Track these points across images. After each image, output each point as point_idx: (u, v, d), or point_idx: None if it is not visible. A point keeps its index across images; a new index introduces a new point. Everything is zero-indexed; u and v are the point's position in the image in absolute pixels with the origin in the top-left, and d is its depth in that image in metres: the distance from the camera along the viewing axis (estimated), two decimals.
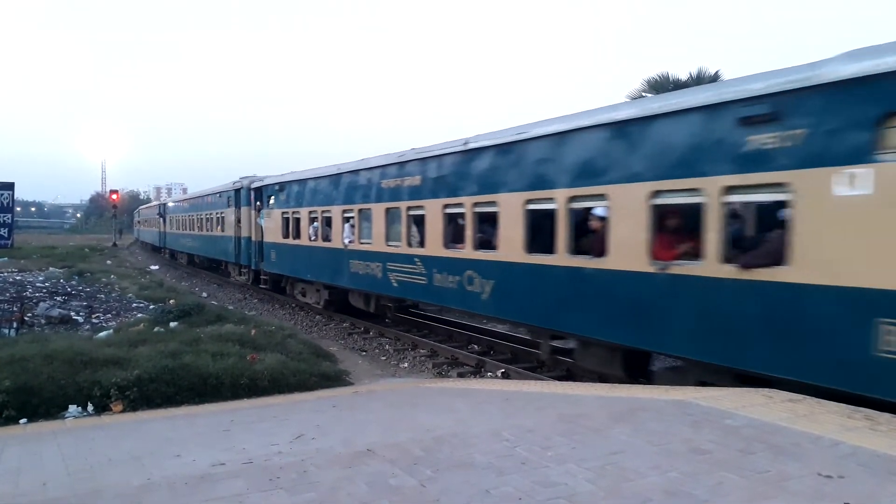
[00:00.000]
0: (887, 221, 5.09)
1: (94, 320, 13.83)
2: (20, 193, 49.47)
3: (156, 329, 11.38)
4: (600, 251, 7.73)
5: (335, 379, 9.39)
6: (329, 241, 15.48)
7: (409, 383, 9.60)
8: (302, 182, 17.22)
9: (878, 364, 5.12)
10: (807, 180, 5.59)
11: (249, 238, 21.55)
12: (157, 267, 34.22)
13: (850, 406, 4.93)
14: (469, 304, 10.29)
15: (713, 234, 6.39)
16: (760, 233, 6.98)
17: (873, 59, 5.21)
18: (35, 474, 4.41)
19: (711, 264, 6.43)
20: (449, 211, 10.65)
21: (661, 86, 22.37)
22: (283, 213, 18.35)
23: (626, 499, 3.27)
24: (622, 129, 7.51)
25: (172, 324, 12.13)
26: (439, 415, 5.68)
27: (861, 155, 5.24)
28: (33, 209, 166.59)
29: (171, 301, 16.27)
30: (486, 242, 9.84)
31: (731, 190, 6.28)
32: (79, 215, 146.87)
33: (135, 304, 16.63)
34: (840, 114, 5.39)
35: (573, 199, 8.12)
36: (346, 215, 14.49)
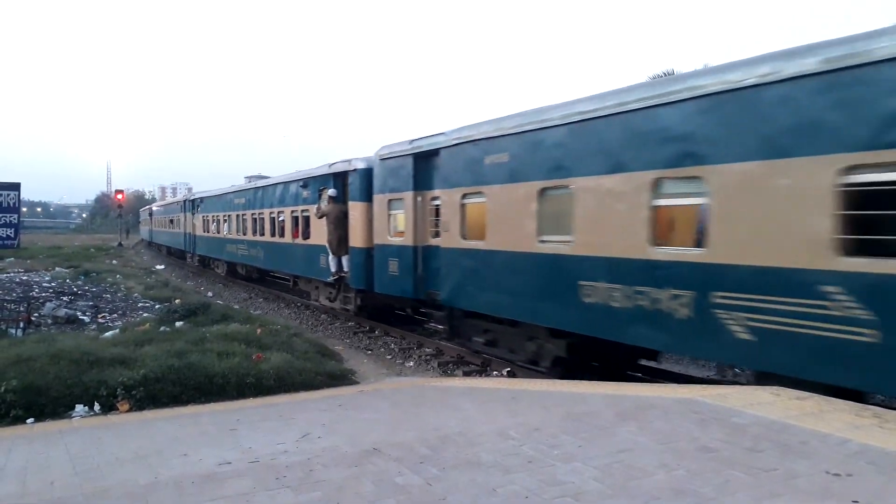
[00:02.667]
0: None
1: (100, 320, 13.89)
2: (26, 194, 49.83)
3: (161, 328, 11.41)
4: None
5: (341, 378, 9.40)
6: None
7: (414, 382, 9.60)
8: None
9: None
10: None
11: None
12: (162, 266, 34.31)
13: (858, 404, 4.90)
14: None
15: None
16: None
17: None
18: (42, 473, 4.43)
19: None
20: None
21: None
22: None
23: (633, 497, 3.26)
24: None
25: (178, 323, 12.16)
26: (445, 413, 5.68)
27: None
28: (39, 209, 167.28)
29: (177, 300, 16.32)
30: None
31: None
32: (84, 215, 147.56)
33: (140, 304, 16.69)
34: None
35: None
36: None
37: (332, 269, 15.26)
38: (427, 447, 4.29)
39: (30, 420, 6.93)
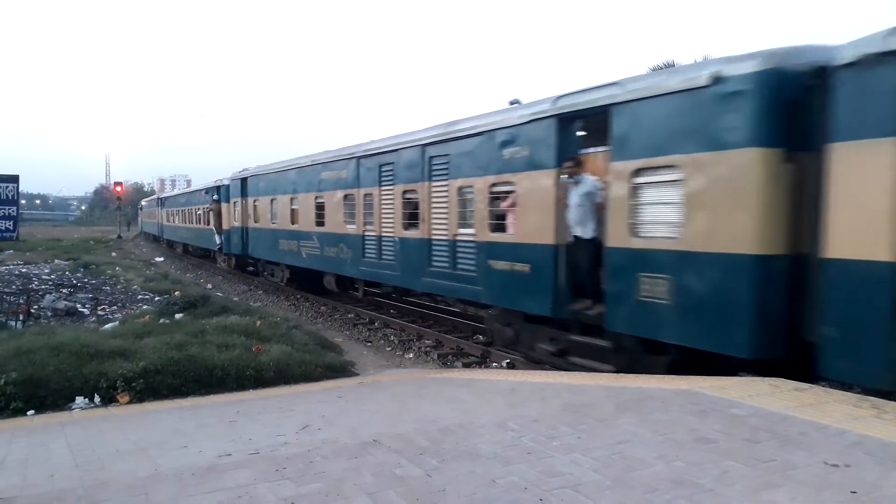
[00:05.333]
0: None
1: (99, 312, 13.89)
2: (25, 186, 49.80)
3: (161, 321, 11.42)
4: None
5: (341, 370, 9.41)
6: None
7: (414, 374, 9.61)
8: None
9: None
10: None
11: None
12: (161, 258, 34.30)
13: (857, 395, 4.92)
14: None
15: None
16: None
17: None
18: (43, 465, 4.44)
19: None
20: None
21: None
22: None
23: (632, 488, 3.27)
24: None
25: (178, 315, 12.17)
26: (445, 405, 5.70)
27: None
28: (38, 202, 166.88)
29: (177, 293, 16.31)
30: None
31: None
32: (83, 208, 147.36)
33: (140, 296, 16.69)
34: None
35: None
36: None
37: (217, 242, 25.52)
38: (426, 439, 4.30)
39: (30, 412, 6.94)
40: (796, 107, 6.16)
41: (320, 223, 15.94)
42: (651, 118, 7.21)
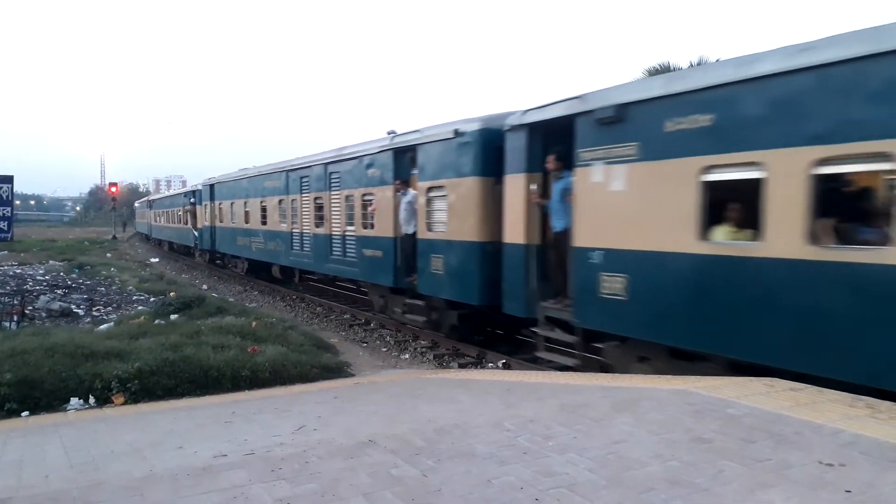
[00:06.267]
0: None
1: (94, 313, 13.85)
2: (19, 187, 49.49)
3: (156, 321, 11.40)
4: None
5: (336, 370, 9.41)
6: None
7: (410, 374, 9.61)
8: None
9: None
10: None
11: None
12: (157, 259, 34.22)
13: (851, 395, 4.93)
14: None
15: None
16: None
17: None
18: (37, 467, 4.43)
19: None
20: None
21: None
22: None
23: (628, 488, 3.27)
24: None
25: (173, 316, 12.15)
26: (440, 405, 5.69)
27: None
28: (32, 202, 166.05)
29: (172, 293, 16.28)
30: None
31: None
32: (78, 208, 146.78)
33: (135, 297, 16.65)
34: None
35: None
36: None
37: (193, 239, 29.65)
38: (422, 439, 4.30)
39: (25, 413, 6.92)
40: (498, 151, 9.60)
41: (264, 223, 19.71)
42: (432, 155, 11.08)
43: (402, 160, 12.20)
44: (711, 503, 3.07)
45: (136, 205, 64.39)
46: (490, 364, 10.46)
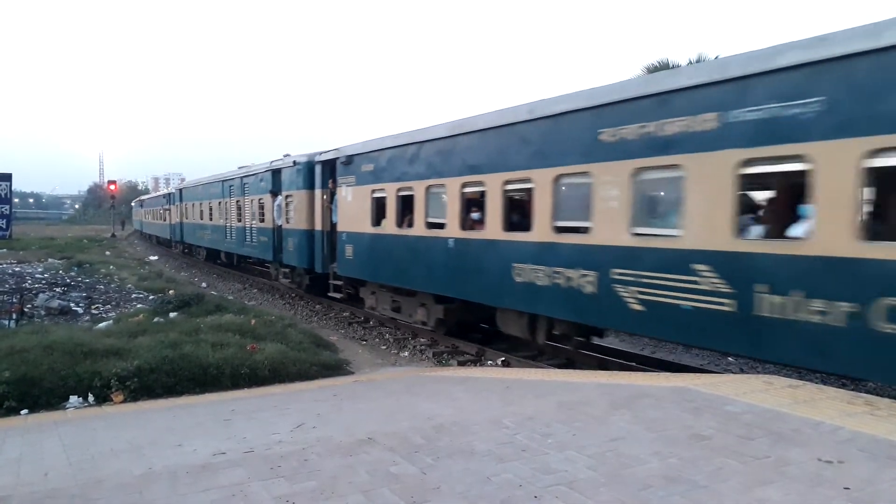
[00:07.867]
0: None
1: (93, 311, 13.85)
2: (18, 184, 49.66)
3: (155, 319, 11.40)
4: None
5: (335, 368, 9.41)
6: None
7: (409, 372, 9.62)
8: None
9: None
10: None
11: None
12: (155, 257, 34.20)
13: (850, 391, 4.94)
14: None
15: None
16: None
17: None
18: (36, 464, 4.42)
19: None
20: None
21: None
22: None
23: (626, 485, 3.27)
24: None
25: (172, 314, 12.15)
26: (439, 403, 5.69)
27: None
28: (31, 200, 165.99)
29: (171, 291, 16.28)
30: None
31: None
32: (77, 206, 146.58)
33: (134, 295, 16.65)
34: None
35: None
36: None
37: (170, 232, 35.50)
38: (421, 436, 4.30)
39: (24, 411, 6.91)
40: (321, 173, 15.40)
41: (211, 219, 26.07)
42: (286, 175, 17.25)
43: (277, 178, 17.97)
44: (710, 500, 3.07)
45: (133, 204, 68.60)
46: (489, 362, 10.46)
